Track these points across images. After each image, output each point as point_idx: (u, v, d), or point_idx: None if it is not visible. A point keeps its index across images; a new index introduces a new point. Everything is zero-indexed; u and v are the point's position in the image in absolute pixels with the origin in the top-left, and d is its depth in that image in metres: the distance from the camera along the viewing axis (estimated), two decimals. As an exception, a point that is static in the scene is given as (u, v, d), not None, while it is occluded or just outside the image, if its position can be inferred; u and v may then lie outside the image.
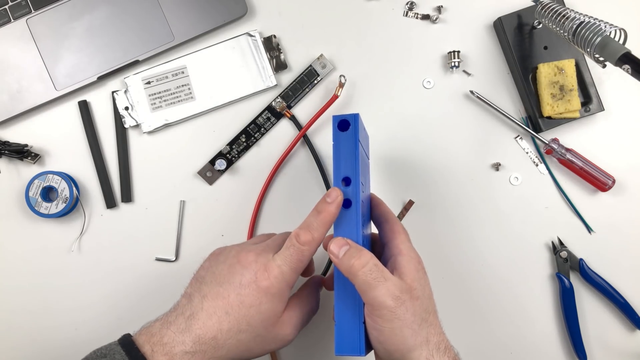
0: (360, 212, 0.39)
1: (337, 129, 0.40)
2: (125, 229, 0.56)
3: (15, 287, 0.56)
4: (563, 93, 0.53)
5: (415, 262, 0.40)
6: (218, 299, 0.38)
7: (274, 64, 0.56)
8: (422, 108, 0.56)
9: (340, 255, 0.37)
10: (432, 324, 0.38)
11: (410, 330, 0.36)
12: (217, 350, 0.37)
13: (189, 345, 0.36)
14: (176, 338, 0.36)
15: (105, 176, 0.56)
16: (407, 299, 0.36)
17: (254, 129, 0.56)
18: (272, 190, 0.56)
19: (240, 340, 0.38)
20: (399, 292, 0.36)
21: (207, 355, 0.37)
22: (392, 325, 0.36)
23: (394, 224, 0.42)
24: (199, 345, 0.36)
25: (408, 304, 0.36)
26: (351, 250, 0.37)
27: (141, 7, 0.55)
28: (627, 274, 0.55)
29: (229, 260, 0.40)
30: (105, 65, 0.55)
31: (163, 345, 0.36)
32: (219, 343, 0.37)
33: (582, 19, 0.45)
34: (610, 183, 0.54)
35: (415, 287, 0.38)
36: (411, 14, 0.57)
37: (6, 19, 0.55)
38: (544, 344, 0.55)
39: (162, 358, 0.36)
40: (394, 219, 0.43)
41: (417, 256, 0.41)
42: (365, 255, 0.37)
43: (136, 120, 0.55)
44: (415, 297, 0.37)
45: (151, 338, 0.37)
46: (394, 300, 0.36)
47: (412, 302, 0.37)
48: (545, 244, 0.56)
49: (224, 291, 0.38)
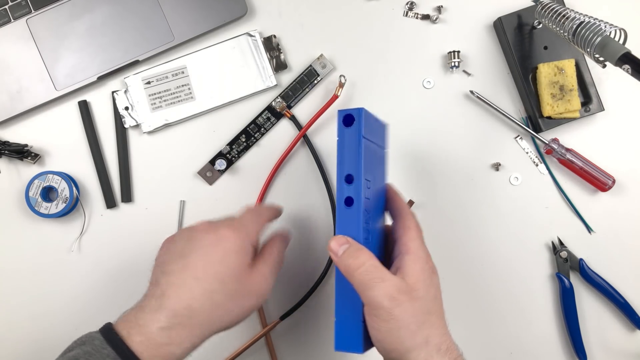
0: (362, 210, 0.39)
1: (342, 124, 0.40)
2: (125, 229, 0.56)
3: (15, 287, 0.56)
4: (563, 93, 0.53)
5: (422, 262, 0.39)
6: (185, 270, 0.38)
7: (274, 64, 0.56)
8: (422, 108, 0.56)
9: (340, 253, 0.37)
10: (433, 325, 0.38)
11: (408, 331, 0.36)
12: (194, 318, 0.37)
13: (163, 321, 0.36)
14: (150, 317, 0.37)
15: (105, 176, 0.56)
16: (405, 300, 0.36)
17: (254, 129, 0.56)
18: (272, 190, 0.56)
19: (215, 302, 0.37)
20: (396, 293, 0.36)
21: (185, 327, 0.36)
22: (388, 325, 0.36)
23: (406, 220, 0.41)
24: (174, 319, 0.36)
25: (406, 305, 0.36)
26: (350, 249, 0.37)
27: (141, 7, 0.55)
28: (627, 274, 0.55)
29: (184, 235, 0.41)
30: (105, 65, 0.55)
31: (139, 327, 0.36)
32: (195, 310, 0.37)
33: (582, 19, 0.45)
34: (610, 183, 0.54)
35: (418, 287, 0.37)
36: (411, 14, 0.57)
37: (6, 19, 0.55)
38: (544, 344, 0.55)
39: (139, 338, 0.36)
40: (407, 214, 0.42)
41: (425, 255, 0.40)
42: (363, 255, 0.37)
43: (136, 120, 0.55)
44: (415, 298, 0.37)
45: (127, 323, 0.37)
46: (390, 301, 0.36)
47: (411, 303, 0.36)
48: (545, 244, 0.56)
49: (189, 261, 0.39)
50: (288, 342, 0.55)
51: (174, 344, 0.36)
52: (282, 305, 0.55)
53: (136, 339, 0.36)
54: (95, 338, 0.37)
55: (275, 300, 0.55)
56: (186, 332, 0.37)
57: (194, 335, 0.37)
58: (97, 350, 0.35)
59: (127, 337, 0.36)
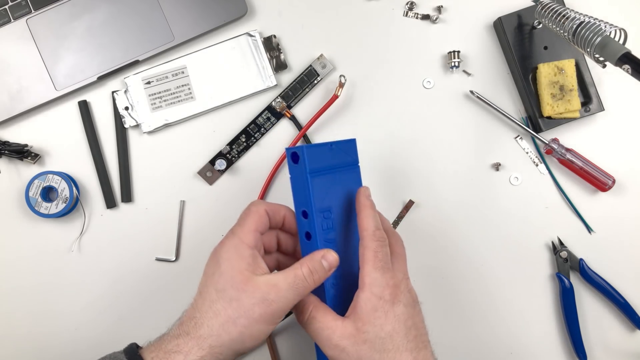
0: (319, 243, 0.40)
1: (291, 161, 0.40)
2: (125, 229, 0.56)
3: (15, 288, 0.56)
4: (563, 93, 0.53)
5: (375, 299, 0.37)
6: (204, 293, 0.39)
7: (274, 64, 0.56)
8: (422, 108, 0.56)
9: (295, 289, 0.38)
10: (395, 355, 0.37)
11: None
12: (199, 329, 0.37)
13: (176, 331, 0.37)
14: (170, 339, 0.37)
15: (105, 176, 0.56)
16: (347, 344, 0.37)
17: (254, 129, 0.56)
18: (272, 190, 0.56)
19: (217, 311, 0.37)
20: (338, 340, 0.37)
21: (191, 337, 0.36)
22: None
23: (364, 248, 0.39)
24: (182, 328, 0.37)
25: (350, 349, 0.37)
26: (305, 283, 0.38)
27: (141, 7, 0.55)
28: (627, 274, 0.55)
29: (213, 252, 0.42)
30: (105, 65, 0.55)
31: (164, 353, 0.37)
32: (198, 321, 0.37)
33: (582, 19, 0.45)
34: (610, 183, 0.54)
35: (366, 330, 0.37)
36: (411, 14, 0.57)
37: (6, 19, 0.55)
38: (544, 344, 0.55)
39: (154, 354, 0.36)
40: (367, 239, 0.39)
41: (380, 290, 0.38)
42: (307, 302, 0.39)
43: (136, 120, 0.55)
44: (362, 340, 0.37)
45: (154, 348, 0.38)
46: (332, 350, 0.37)
47: (355, 347, 0.37)
48: (545, 244, 0.56)
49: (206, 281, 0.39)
50: (289, 342, 0.55)
51: None
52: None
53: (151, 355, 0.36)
54: (118, 359, 0.37)
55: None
56: (200, 352, 0.36)
57: (211, 354, 0.37)
58: None
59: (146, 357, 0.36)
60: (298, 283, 0.37)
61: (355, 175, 0.43)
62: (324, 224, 0.40)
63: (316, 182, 0.40)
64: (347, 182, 0.42)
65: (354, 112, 0.56)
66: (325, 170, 0.41)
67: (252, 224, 0.39)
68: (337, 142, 0.42)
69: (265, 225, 0.41)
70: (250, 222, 0.40)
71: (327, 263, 0.39)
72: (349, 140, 0.43)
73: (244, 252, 0.38)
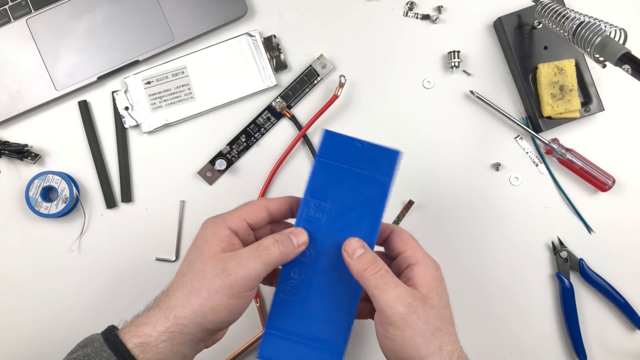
0: (297, 223, 0.39)
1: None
2: (125, 229, 0.56)
3: (15, 287, 0.56)
4: (563, 93, 0.53)
5: (433, 270, 0.39)
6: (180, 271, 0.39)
7: (274, 64, 0.56)
8: (422, 108, 0.56)
9: (355, 256, 0.37)
10: (446, 333, 0.37)
11: (422, 339, 0.36)
12: (167, 301, 0.37)
13: (150, 305, 0.38)
14: (143, 313, 0.38)
15: (105, 176, 0.56)
16: (419, 306, 0.36)
17: (254, 129, 0.56)
18: (272, 190, 0.56)
19: (184, 283, 0.37)
20: (411, 300, 0.36)
21: (160, 309, 0.37)
22: (403, 333, 0.36)
23: (402, 234, 0.41)
24: (155, 302, 0.37)
25: (420, 312, 0.36)
26: (366, 254, 0.37)
27: (141, 7, 0.55)
28: (627, 274, 0.55)
29: None
30: (105, 65, 0.55)
31: (136, 328, 0.37)
32: (168, 293, 0.37)
33: (582, 19, 0.45)
34: (610, 183, 0.54)
35: (431, 296, 0.37)
36: (411, 14, 0.57)
37: (6, 19, 0.55)
38: (544, 344, 0.55)
39: (136, 340, 0.36)
40: (399, 229, 0.41)
41: (434, 263, 0.40)
42: (380, 261, 0.37)
43: (136, 120, 0.55)
44: (429, 305, 0.37)
45: (130, 326, 0.38)
46: (405, 307, 0.36)
47: (424, 311, 0.36)
48: (545, 244, 0.56)
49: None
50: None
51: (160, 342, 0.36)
52: (282, 305, 0.55)
53: (135, 340, 0.36)
54: (96, 340, 0.37)
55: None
56: (166, 323, 0.36)
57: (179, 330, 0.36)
58: (96, 352, 0.36)
59: (127, 340, 0.36)
60: (260, 252, 0.37)
61: (379, 190, 0.39)
62: (311, 210, 0.39)
63: (322, 166, 0.39)
64: (364, 191, 0.39)
65: (354, 112, 0.56)
66: (342, 162, 0.39)
67: (241, 212, 0.40)
68: (373, 144, 0.39)
69: (259, 219, 0.40)
70: (241, 210, 0.40)
71: (296, 239, 0.38)
72: (388, 150, 0.39)
73: (220, 232, 0.38)
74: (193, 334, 0.36)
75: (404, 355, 0.36)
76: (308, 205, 0.39)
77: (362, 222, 0.39)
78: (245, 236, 0.39)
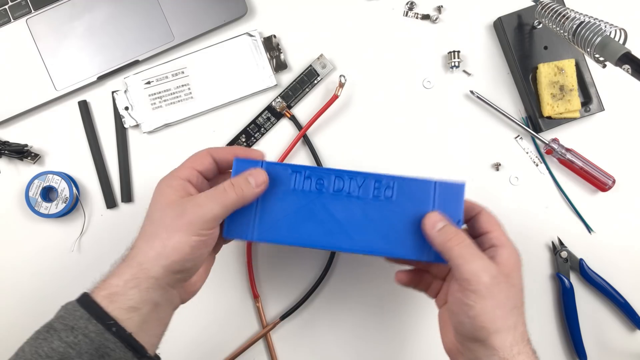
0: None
1: None
2: (125, 229, 0.56)
3: (15, 287, 0.56)
4: (563, 93, 0.53)
5: (516, 255, 0.40)
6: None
7: (274, 64, 0.56)
8: (422, 108, 0.56)
9: (438, 228, 0.39)
10: (521, 315, 0.38)
11: (502, 312, 0.36)
12: (131, 252, 0.38)
13: (117, 263, 0.39)
14: (111, 270, 0.39)
15: (105, 176, 0.56)
16: (503, 280, 0.37)
17: (254, 129, 0.56)
18: (272, 190, 0.56)
19: (144, 232, 0.39)
20: (496, 272, 0.37)
21: (124, 261, 0.38)
22: (484, 303, 0.36)
23: (490, 215, 0.42)
24: (120, 259, 0.39)
25: (503, 286, 0.37)
26: (449, 226, 0.39)
27: (141, 7, 0.55)
28: (627, 274, 0.55)
29: None
30: (105, 65, 0.55)
31: (104, 283, 0.38)
32: (132, 246, 0.39)
33: (582, 19, 0.45)
34: (610, 183, 0.54)
35: (513, 276, 0.38)
36: (411, 14, 0.57)
37: (6, 19, 0.55)
38: (544, 344, 0.55)
39: (104, 292, 0.37)
40: (486, 210, 0.43)
41: (517, 251, 0.40)
42: (462, 233, 0.38)
43: (136, 120, 0.55)
44: (512, 283, 0.38)
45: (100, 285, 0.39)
46: (490, 278, 0.36)
47: (507, 286, 0.37)
48: (545, 244, 0.56)
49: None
50: (288, 342, 0.55)
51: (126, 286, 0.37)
52: (282, 305, 0.55)
53: (102, 293, 0.37)
54: (69, 303, 0.38)
55: (275, 301, 0.55)
56: (130, 270, 0.37)
57: (144, 275, 0.37)
58: (69, 313, 0.37)
59: (96, 294, 0.37)
60: (217, 194, 0.38)
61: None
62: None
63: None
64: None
65: (354, 112, 0.56)
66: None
67: (188, 162, 0.41)
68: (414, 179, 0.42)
69: (205, 164, 0.41)
70: (187, 161, 0.41)
71: (254, 180, 0.39)
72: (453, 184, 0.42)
73: (174, 182, 0.40)
74: (160, 278, 0.37)
75: (480, 324, 0.36)
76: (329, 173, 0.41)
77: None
78: (199, 184, 0.41)
